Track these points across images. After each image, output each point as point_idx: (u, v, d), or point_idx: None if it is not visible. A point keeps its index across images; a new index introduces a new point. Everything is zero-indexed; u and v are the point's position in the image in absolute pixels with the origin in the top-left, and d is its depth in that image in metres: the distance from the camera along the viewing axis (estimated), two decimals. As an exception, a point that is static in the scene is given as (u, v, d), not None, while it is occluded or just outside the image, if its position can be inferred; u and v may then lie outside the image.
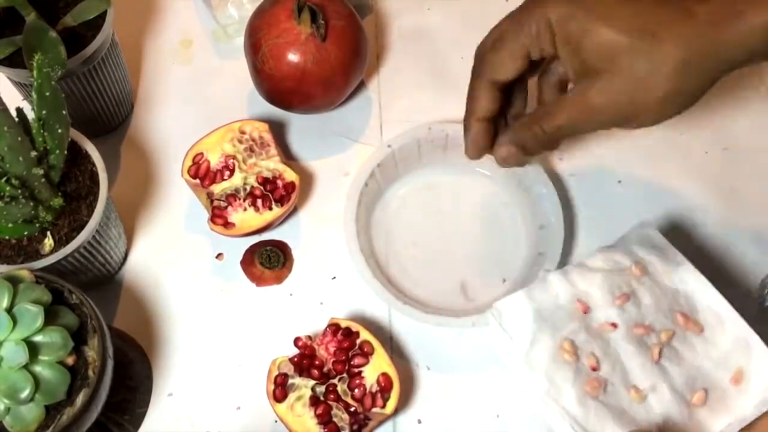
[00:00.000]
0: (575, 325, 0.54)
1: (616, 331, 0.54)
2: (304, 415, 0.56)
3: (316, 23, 0.63)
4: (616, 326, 0.54)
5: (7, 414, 0.46)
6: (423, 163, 0.68)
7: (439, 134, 0.65)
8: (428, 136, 0.65)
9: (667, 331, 0.53)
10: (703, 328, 0.54)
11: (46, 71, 0.51)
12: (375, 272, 0.61)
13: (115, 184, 0.69)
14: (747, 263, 0.66)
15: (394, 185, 0.68)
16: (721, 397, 0.52)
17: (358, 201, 0.63)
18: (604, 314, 0.54)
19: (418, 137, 0.65)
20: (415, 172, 0.68)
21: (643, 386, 0.52)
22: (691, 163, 0.70)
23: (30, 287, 0.48)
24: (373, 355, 0.57)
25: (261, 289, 0.65)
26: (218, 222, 0.62)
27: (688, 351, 0.53)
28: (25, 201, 0.51)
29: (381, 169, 0.65)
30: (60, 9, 0.61)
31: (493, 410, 0.61)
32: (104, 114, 0.68)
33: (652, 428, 0.51)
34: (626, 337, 0.53)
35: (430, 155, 0.67)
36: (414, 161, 0.67)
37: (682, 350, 0.53)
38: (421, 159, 0.67)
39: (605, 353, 0.53)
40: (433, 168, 0.68)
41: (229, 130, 0.65)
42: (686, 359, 0.53)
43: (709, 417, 0.52)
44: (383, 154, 0.65)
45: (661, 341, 0.53)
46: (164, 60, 0.75)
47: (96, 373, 0.48)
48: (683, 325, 0.54)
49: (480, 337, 0.62)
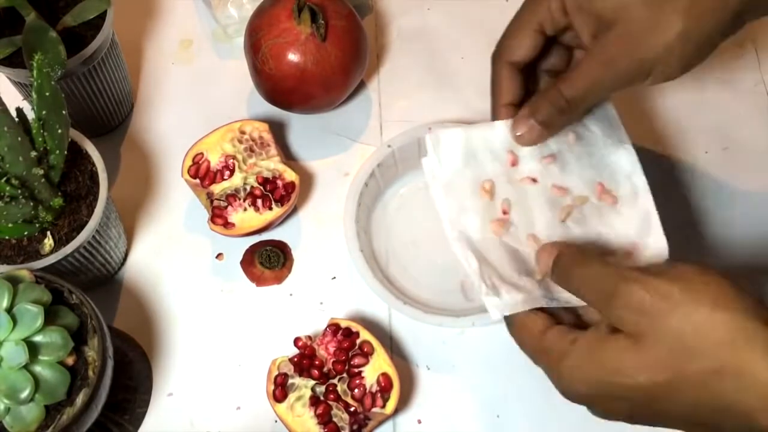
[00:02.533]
0: (500, 170, 0.56)
1: (535, 185, 0.56)
2: (304, 415, 0.56)
3: (316, 23, 0.63)
4: (536, 181, 0.56)
5: (7, 414, 0.46)
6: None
7: None
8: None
9: (582, 198, 0.56)
10: (617, 201, 0.56)
11: (46, 71, 0.51)
12: (375, 272, 0.61)
13: (115, 184, 0.69)
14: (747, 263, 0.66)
15: (394, 185, 0.68)
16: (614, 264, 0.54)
17: (358, 201, 0.63)
18: (528, 168, 0.56)
19: (418, 137, 0.65)
20: (415, 172, 0.68)
21: (541, 236, 0.54)
22: (691, 162, 0.70)
23: (30, 287, 0.48)
24: (373, 355, 0.57)
25: (261, 289, 0.65)
26: (218, 222, 0.62)
27: (596, 218, 0.55)
28: (25, 201, 0.51)
29: (381, 169, 0.65)
30: (60, 9, 0.61)
31: (493, 410, 0.61)
32: (104, 114, 0.68)
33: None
34: (542, 194, 0.56)
35: None
36: (414, 161, 0.67)
37: (590, 216, 0.55)
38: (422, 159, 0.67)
39: (518, 202, 0.55)
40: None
41: (229, 130, 0.65)
42: (591, 225, 0.55)
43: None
44: (383, 154, 0.65)
45: (574, 204, 0.55)
46: (164, 60, 0.75)
47: (96, 373, 0.48)
48: (598, 195, 0.56)
49: (480, 337, 0.62)
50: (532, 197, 0.56)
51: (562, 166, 0.56)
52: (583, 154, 0.57)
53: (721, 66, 0.75)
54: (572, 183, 0.56)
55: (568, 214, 0.55)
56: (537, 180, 0.56)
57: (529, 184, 0.56)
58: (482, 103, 0.73)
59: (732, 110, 0.73)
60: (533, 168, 0.56)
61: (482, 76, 0.74)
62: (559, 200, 0.56)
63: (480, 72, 0.75)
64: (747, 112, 0.73)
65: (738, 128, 0.72)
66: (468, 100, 0.73)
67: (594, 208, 0.56)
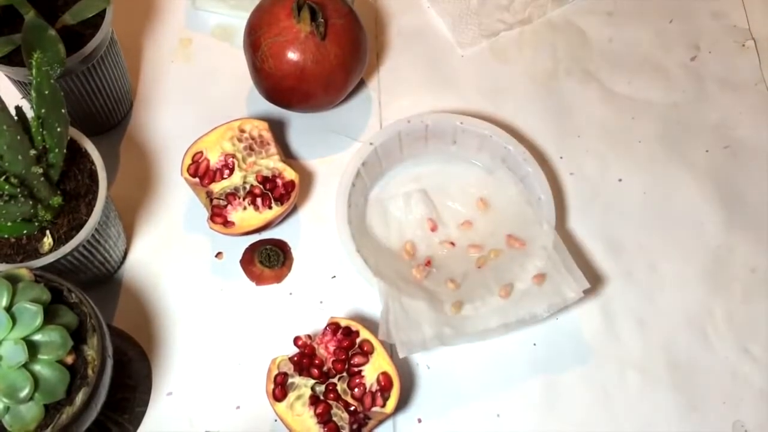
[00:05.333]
0: (420, 234, 0.65)
1: (454, 249, 0.65)
2: (303, 414, 0.56)
3: (315, 22, 0.63)
4: (454, 245, 0.65)
5: (6, 413, 0.46)
6: (405, 156, 0.68)
7: (419, 125, 0.65)
8: (408, 129, 0.65)
9: (496, 251, 0.64)
10: (525, 243, 0.63)
11: (45, 69, 0.51)
12: (375, 271, 0.61)
13: (114, 182, 0.68)
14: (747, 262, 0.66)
15: (380, 182, 0.68)
16: (524, 293, 0.60)
17: (348, 203, 0.63)
18: (446, 234, 0.65)
19: (398, 131, 0.65)
20: (398, 167, 0.68)
21: (459, 280, 0.63)
22: (691, 162, 0.70)
23: (29, 286, 0.48)
24: (373, 354, 0.57)
25: (261, 288, 0.65)
26: (218, 221, 0.62)
27: (508, 261, 0.63)
28: (24, 200, 0.51)
29: (366, 167, 0.65)
30: (59, 7, 0.61)
31: (493, 410, 0.60)
32: (103, 112, 0.67)
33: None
34: (460, 253, 0.64)
35: (412, 147, 0.67)
36: (396, 156, 0.67)
37: (503, 260, 0.63)
38: (403, 152, 0.67)
39: (438, 260, 0.64)
40: (416, 159, 0.68)
41: (228, 129, 0.65)
42: (502, 265, 0.63)
43: (511, 306, 0.60)
44: (366, 152, 0.65)
45: (488, 257, 0.64)
46: (163, 58, 0.75)
47: (95, 372, 0.48)
48: (508, 243, 0.64)
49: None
50: (451, 256, 0.64)
51: (476, 230, 0.65)
52: (493, 216, 0.65)
53: (722, 65, 0.75)
54: (484, 240, 0.65)
55: (485, 263, 0.63)
56: (455, 243, 0.65)
57: (449, 247, 0.65)
58: (482, 102, 0.73)
59: (733, 109, 0.73)
60: (451, 234, 0.65)
61: (482, 74, 0.75)
62: (473, 255, 0.64)
63: (480, 71, 0.75)
64: (748, 110, 0.73)
65: (739, 127, 0.72)
66: (468, 98, 0.73)
67: (506, 254, 0.63)
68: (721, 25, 0.77)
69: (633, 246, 0.67)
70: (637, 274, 0.65)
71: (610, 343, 0.63)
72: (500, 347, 0.62)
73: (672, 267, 0.66)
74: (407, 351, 0.58)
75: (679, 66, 0.75)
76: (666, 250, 0.66)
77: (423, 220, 0.65)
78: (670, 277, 0.65)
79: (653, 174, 0.70)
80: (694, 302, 0.65)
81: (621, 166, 0.70)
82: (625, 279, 0.65)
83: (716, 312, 0.64)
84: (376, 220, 0.66)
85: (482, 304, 0.60)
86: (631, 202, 0.68)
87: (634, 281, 0.65)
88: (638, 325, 0.63)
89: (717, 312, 0.64)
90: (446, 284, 0.62)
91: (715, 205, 0.68)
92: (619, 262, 0.66)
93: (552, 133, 0.71)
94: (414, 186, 0.67)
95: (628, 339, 0.63)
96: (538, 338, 0.63)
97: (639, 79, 0.74)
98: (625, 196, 0.69)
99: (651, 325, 0.63)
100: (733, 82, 0.74)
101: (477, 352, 0.62)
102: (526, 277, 0.61)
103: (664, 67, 0.75)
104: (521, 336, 0.63)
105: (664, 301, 0.65)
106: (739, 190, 0.69)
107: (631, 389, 0.61)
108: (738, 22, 0.77)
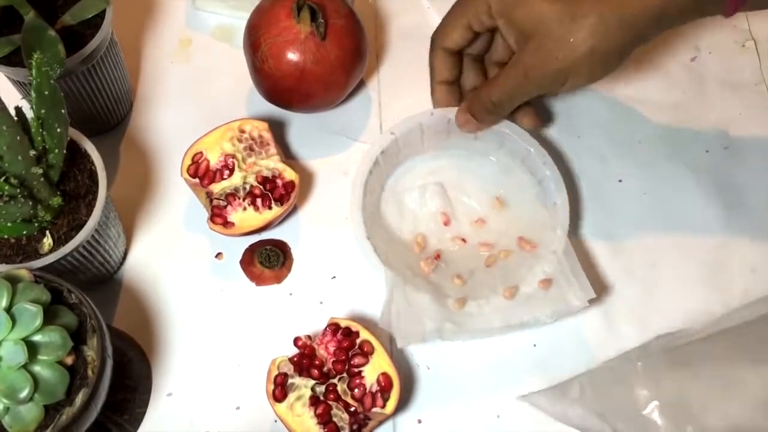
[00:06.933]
0: (433, 228, 0.66)
1: (465, 245, 0.65)
2: (303, 415, 0.56)
3: (315, 22, 0.63)
4: (465, 241, 0.65)
5: (6, 414, 0.46)
6: (426, 148, 0.68)
7: (441, 119, 0.65)
8: (430, 122, 0.65)
9: (506, 251, 0.64)
10: (537, 246, 0.63)
11: (45, 70, 0.51)
12: (384, 259, 0.61)
13: (114, 183, 0.68)
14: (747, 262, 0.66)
15: (397, 171, 0.68)
16: (529, 296, 0.60)
17: (364, 190, 0.63)
18: (458, 230, 0.66)
19: (420, 122, 0.65)
20: (416, 158, 0.68)
21: (466, 277, 0.63)
22: (691, 162, 0.70)
23: (29, 286, 0.48)
24: (373, 355, 0.57)
25: (260, 289, 0.65)
26: (218, 221, 0.62)
27: (516, 263, 0.63)
28: (24, 200, 0.51)
29: (384, 156, 0.65)
30: (59, 8, 0.61)
31: (493, 410, 0.60)
32: (103, 113, 0.67)
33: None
34: (470, 251, 0.65)
35: (433, 140, 0.67)
36: (417, 147, 0.67)
37: (512, 262, 0.63)
38: (424, 144, 0.67)
39: (447, 255, 0.64)
40: (436, 152, 0.68)
41: (228, 129, 0.65)
42: (510, 266, 0.63)
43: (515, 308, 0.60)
44: (387, 141, 0.65)
45: (498, 257, 0.64)
46: (163, 59, 0.75)
47: (95, 372, 0.48)
48: (519, 245, 0.64)
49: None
50: (461, 253, 0.64)
51: (488, 228, 0.65)
52: (508, 216, 0.65)
53: (722, 65, 0.75)
54: (497, 239, 0.65)
55: (494, 262, 0.63)
56: (466, 240, 0.65)
57: (460, 244, 0.65)
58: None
59: (733, 109, 0.73)
60: (463, 231, 0.65)
61: (482, 75, 0.75)
62: (484, 254, 0.64)
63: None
64: (748, 111, 0.73)
65: (739, 127, 0.72)
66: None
67: (516, 256, 0.63)
68: (721, 26, 0.77)
69: (633, 246, 0.66)
70: (637, 274, 0.65)
71: (611, 344, 0.63)
72: (500, 347, 0.62)
73: (672, 267, 0.66)
74: (405, 342, 0.58)
75: (679, 66, 0.75)
76: (666, 250, 0.66)
77: (437, 213, 0.66)
78: (670, 277, 0.65)
79: (653, 174, 0.70)
80: (694, 302, 0.64)
81: (621, 166, 0.70)
82: (625, 279, 0.65)
83: (716, 312, 0.64)
84: (391, 209, 0.66)
85: (486, 302, 0.60)
86: (631, 202, 0.68)
87: (635, 281, 0.65)
88: (638, 325, 0.63)
89: (717, 312, 0.64)
90: (453, 279, 0.62)
91: (715, 205, 0.68)
92: (619, 262, 0.66)
93: (552, 133, 0.71)
94: (431, 179, 0.67)
95: (628, 339, 0.63)
96: (538, 339, 0.63)
97: (639, 79, 0.74)
98: (625, 197, 0.69)
99: (651, 326, 0.63)
100: (733, 82, 0.74)
101: (477, 353, 0.62)
102: (533, 280, 0.60)
103: (664, 67, 0.75)
104: (521, 336, 0.63)
105: (665, 301, 0.64)
106: (739, 190, 0.69)
107: (631, 389, 0.61)
108: (738, 22, 0.77)
